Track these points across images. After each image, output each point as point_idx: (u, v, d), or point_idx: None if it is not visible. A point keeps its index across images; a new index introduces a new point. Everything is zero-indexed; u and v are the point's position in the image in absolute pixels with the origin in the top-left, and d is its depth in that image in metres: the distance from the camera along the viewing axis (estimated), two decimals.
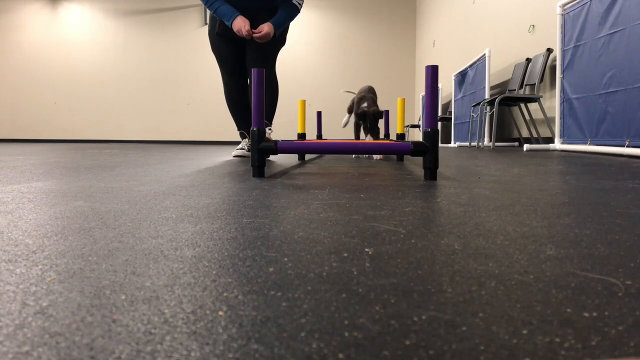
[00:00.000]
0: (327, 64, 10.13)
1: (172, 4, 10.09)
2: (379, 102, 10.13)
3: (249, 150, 2.80)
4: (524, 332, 0.31)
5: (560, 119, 3.64)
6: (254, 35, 2.66)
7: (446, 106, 7.71)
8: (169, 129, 10.21)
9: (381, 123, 10.17)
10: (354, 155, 2.98)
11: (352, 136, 10.99)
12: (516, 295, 0.39)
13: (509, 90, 4.81)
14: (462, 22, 6.89)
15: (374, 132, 2.86)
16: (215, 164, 2.20)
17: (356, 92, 3.19)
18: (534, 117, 4.54)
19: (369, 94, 2.96)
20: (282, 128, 9.92)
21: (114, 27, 10.20)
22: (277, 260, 0.50)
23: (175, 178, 1.47)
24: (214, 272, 0.45)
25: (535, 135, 4.50)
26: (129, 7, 10.18)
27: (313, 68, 10.12)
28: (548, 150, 3.66)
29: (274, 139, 2.66)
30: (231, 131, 10.00)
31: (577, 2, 3.41)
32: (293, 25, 10.13)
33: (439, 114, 7.57)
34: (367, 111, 2.86)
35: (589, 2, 3.25)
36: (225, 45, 2.87)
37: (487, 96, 5.16)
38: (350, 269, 0.46)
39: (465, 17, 6.73)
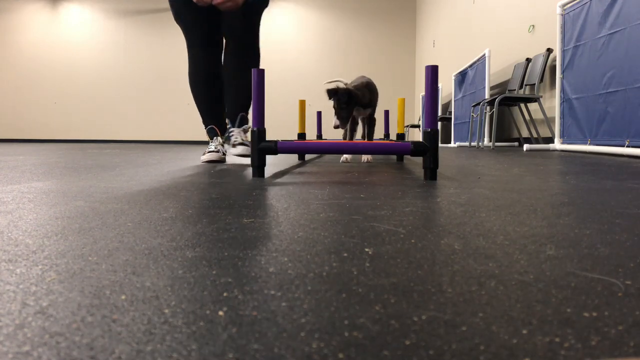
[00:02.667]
0: (327, 64, 10.13)
1: None
2: (379, 101, 10.13)
3: (224, 153, 2.27)
4: (524, 332, 0.31)
5: (560, 119, 3.64)
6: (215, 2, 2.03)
7: (446, 106, 7.71)
8: (169, 128, 10.21)
9: (381, 123, 10.18)
10: (342, 159, 2.48)
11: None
12: (516, 295, 0.39)
13: (509, 90, 4.81)
14: (462, 22, 6.88)
15: (342, 118, 2.18)
16: (215, 164, 2.20)
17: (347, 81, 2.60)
18: (534, 117, 4.54)
19: (362, 87, 2.33)
20: (282, 128, 9.92)
21: (114, 27, 10.20)
22: (277, 260, 0.50)
23: (176, 178, 1.47)
24: (214, 272, 0.45)
25: (535, 135, 4.50)
26: (129, 7, 10.18)
27: (313, 68, 10.12)
28: (548, 150, 3.66)
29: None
30: None
31: (577, 2, 3.41)
32: (293, 24, 10.13)
33: (439, 114, 7.57)
34: (337, 88, 2.19)
35: (589, 2, 3.25)
36: (194, 6, 2.14)
37: (487, 96, 5.16)
38: (350, 269, 0.46)
39: (465, 17, 6.73)
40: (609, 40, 3.01)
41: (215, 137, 2.32)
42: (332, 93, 2.19)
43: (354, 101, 2.21)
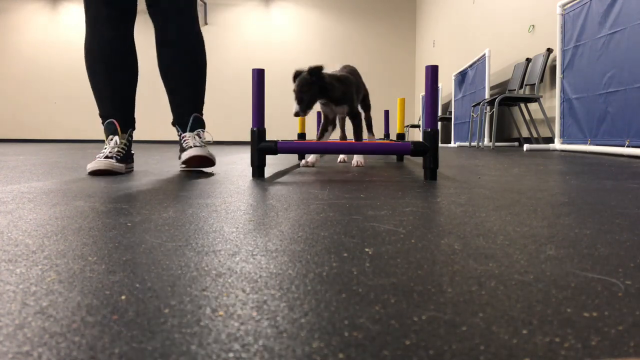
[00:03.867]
0: (327, 64, 10.12)
1: None
2: (378, 101, 10.13)
3: (120, 159, 1.64)
4: (524, 332, 0.31)
5: (560, 119, 3.64)
6: None
7: (446, 106, 7.71)
8: (169, 128, 10.21)
9: (381, 123, 10.18)
10: (339, 159, 2.36)
11: (354, 137, 10.84)
12: (516, 295, 0.39)
13: (509, 90, 4.81)
14: (462, 22, 6.88)
15: (300, 103, 1.84)
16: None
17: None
18: (534, 117, 4.54)
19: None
20: (282, 128, 9.92)
21: None
22: (277, 260, 0.50)
23: (176, 178, 1.47)
24: (213, 272, 0.45)
25: (535, 135, 4.50)
26: None
27: None
28: (548, 150, 3.66)
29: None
30: (234, 130, 9.98)
31: (577, 2, 3.41)
32: (293, 24, 10.13)
33: (439, 114, 7.57)
34: (302, 70, 1.90)
35: (589, 2, 3.25)
36: None
37: (487, 96, 5.16)
38: (350, 269, 0.46)
39: (465, 17, 6.73)
40: (609, 40, 3.01)
41: (112, 137, 1.69)
42: (296, 75, 1.91)
43: (318, 89, 1.88)
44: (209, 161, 1.67)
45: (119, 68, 1.72)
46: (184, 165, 1.71)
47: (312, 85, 1.87)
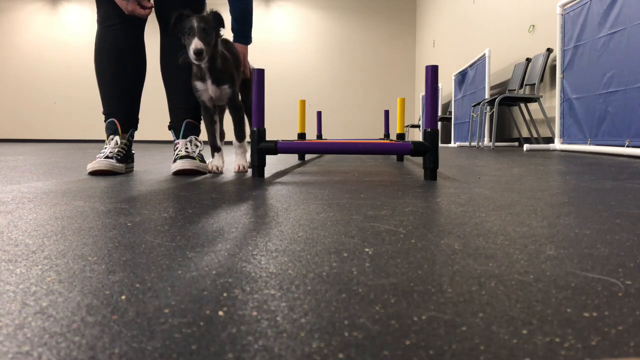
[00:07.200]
0: (327, 64, 10.13)
1: None
2: (378, 101, 10.13)
3: (120, 159, 1.65)
4: (524, 332, 0.31)
5: (560, 119, 3.64)
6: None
7: (446, 106, 7.71)
8: None
9: (381, 123, 10.19)
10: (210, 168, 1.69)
11: (355, 136, 10.88)
12: (516, 295, 0.39)
13: (509, 90, 4.81)
14: (462, 22, 6.88)
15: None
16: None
17: None
18: (534, 117, 4.54)
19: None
20: (282, 128, 9.92)
21: None
22: (277, 260, 0.50)
23: (176, 178, 1.47)
24: (213, 272, 0.45)
25: (535, 135, 4.50)
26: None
27: (313, 68, 10.12)
28: (548, 150, 3.66)
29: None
30: (232, 130, 9.95)
31: (577, 2, 3.41)
32: (293, 24, 10.13)
33: (439, 114, 7.56)
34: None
35: (589, 2, 3.25)
36: None
37: (487, 96, 5.16)
38: (350, 269, 0.46)
39: (465, 17, 6.73)
40: (609, 40, 3.01)
41: (112, 137, 1.69)
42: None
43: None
44: (198, 172, 1.63)
45: (126, 67, 1.72)
46: (172, 172, 1.68)
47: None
